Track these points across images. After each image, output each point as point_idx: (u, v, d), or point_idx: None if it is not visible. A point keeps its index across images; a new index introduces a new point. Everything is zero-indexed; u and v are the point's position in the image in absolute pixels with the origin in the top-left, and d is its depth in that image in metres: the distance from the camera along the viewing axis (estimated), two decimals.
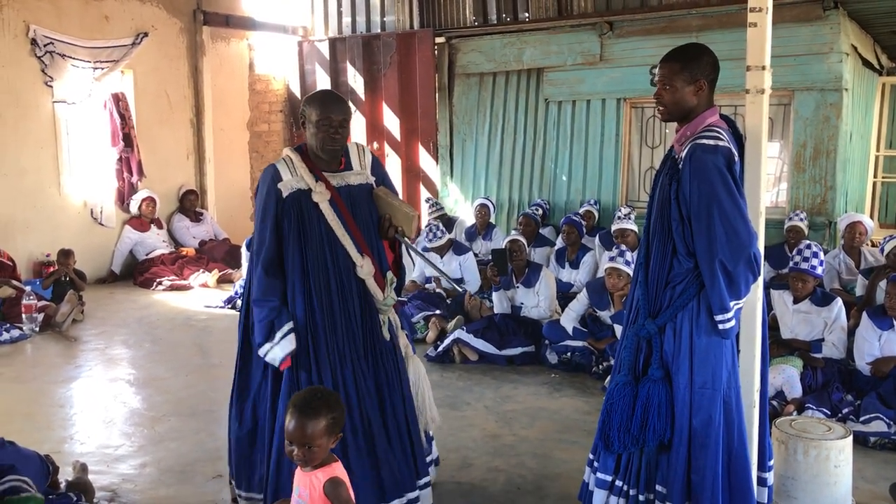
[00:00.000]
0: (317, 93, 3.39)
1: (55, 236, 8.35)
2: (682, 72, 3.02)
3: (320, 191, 3.26)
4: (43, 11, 8.24)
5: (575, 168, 9.46)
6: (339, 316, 3.27)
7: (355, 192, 3.37)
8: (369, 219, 3.39)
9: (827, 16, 7.76)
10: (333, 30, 11.10)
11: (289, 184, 3.27)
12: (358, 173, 3.42)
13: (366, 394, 3.28)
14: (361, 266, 3.28)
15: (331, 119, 3.23)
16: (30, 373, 5.85)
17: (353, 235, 3.29)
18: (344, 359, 3.26)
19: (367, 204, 3.40)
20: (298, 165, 3.30)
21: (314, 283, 3.25)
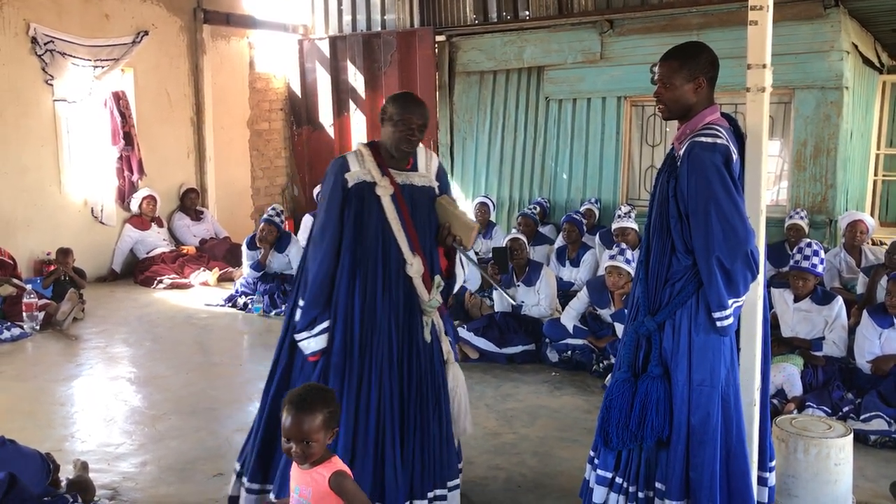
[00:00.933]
0: (401, 93, 3.48)
1: (56, 235, 8.36)
2: (680, 70, 3.03)
3: (384, 185, 3.33)
4: (43, 10, 8.24)
5: (575, 166, 9.46)
6: (381, 309, 3.30)
7: (417, 192, 3.43)
8: (426, 221, 3.44)
9: (827, 14, 7.76)
10: (334, 28, 11.09)
11: (356, 175, 3.34)
12: (423, 176, 3.48)
13: (389, 388, 3.29)
14: (411, 264, 3.32)
15: (411, 120, 3.31)
16: (30, 371, 5.86)
17: (408, 233, 3.34)
18: (378, 351, 3.29)
19: (427, 207, 3.45)
20: (368, 159, 3.37)
21: (362, 273, 3.30)
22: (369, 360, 3.28)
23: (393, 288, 3.32)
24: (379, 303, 3.30)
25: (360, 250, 3.31)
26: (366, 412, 3.24)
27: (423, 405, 3.34)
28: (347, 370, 3.27)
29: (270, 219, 7.85)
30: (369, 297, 3.29)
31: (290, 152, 11.53)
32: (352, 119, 10.92)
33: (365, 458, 3.22)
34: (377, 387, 3.27)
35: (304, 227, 9.31)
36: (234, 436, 4.61)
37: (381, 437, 3.26)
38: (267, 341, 6.71)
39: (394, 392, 3.30)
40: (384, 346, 3.29)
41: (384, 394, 3.27)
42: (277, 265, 7.95)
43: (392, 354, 3.31)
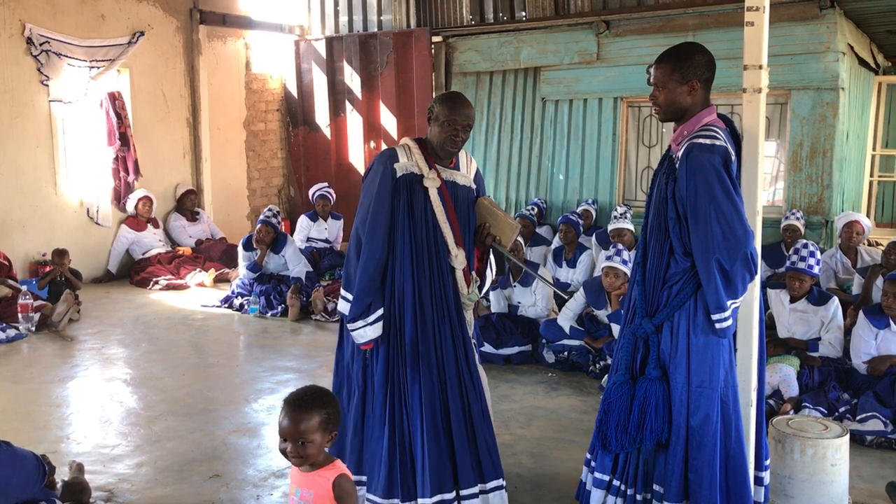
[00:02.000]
0: (449, 94, 3.53)
1: (51, 236, 8.34)
2: (673, 73, 3.04)
3: (432, 177, 3.41)
4: (39, 10, 8.22)
5: (572, 167, 9.46)
6: (432, 300, 3.36)
7: (459, 189, 3.52)
8: (467, 219, 3.53)
9: (823, 15, 7.78)
10: (330, 29, 11.09)
11: (404, 166, 3.42)
12: (464, 176, 3.56)
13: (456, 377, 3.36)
14: (456, 255, 3.42)
15: (457, 122, 3.39)
16: (26, 372, 5.84)
17: (452, 226, 3.42)
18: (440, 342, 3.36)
19: (466, 206, 3.54)
20: (416, 152, 3.45)
21: (419, 262, 3.37)
22: (440, 351, 3.36)
23: (442, 279, 3.40)
24: (427, 294, 3.37)
25: (412, 239, 3.38)
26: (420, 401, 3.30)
27: (465, 399, 3.38)
28: (424, 358, 3.33)
29: (267, 220, 7.84)
30: (423, 286, 3.37)
31: (286, 153, 11.52)
32: (348, 120, 10.91)
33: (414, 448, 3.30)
34: (439, 377, 3.35)
35: (299, 228, 9.31)
36: (231, 437, 4.60)
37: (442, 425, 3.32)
38: (263, 342, 6.70)
39: (452, 382, 3.35)
40: (436, 337, 3.36)
41: (450, 383, 3.35)
42: (274, 266, 7.94)
43: (448, 348, 3.37)
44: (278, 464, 4.16)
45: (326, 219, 9.31)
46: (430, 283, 3.38)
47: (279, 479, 4.03)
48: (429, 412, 3.30)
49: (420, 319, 3.36)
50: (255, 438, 4.60)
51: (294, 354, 6.31)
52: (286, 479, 4.00)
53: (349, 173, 10.97)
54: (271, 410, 5.01)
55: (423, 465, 3.28)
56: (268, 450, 4.41)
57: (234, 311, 7.71)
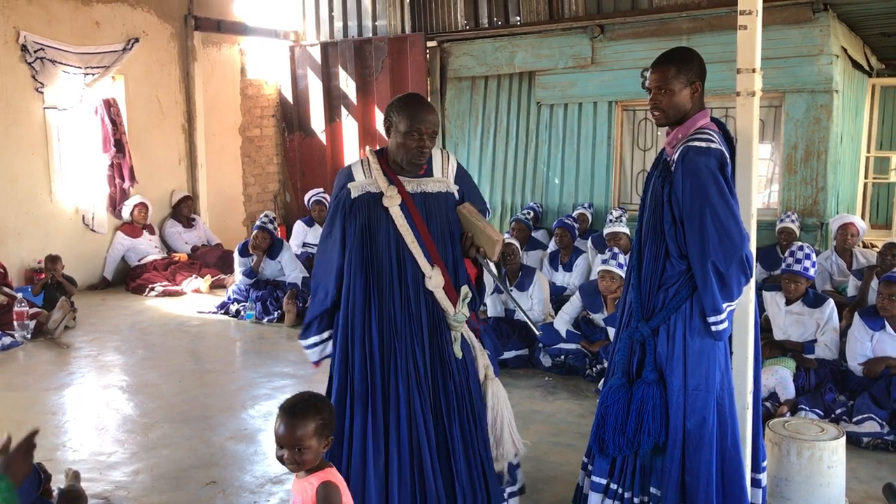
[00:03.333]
0: (406, 99, 3.13)
1: (47, 243, 8.32)
2: (678, 75, 3.02)
3: (391, 195, 3.08)
4: (33, 17, 8.21)
5: (567, 171, 9.47)
6: (403, 328, 3.08)
7: (432, 199, 3.15)
8: (446, 229, 3.16)
9: (817, 18, 7.80)
10: (325, 34, 11.10)
11: (360, 185, 3.14)
12: (438, 181, 3.19)
13: (420, 411, 3.07)
14: (430, 277, 3.07)
15: (421, 131, 3.03)
16: (22, 380, 5.83)
17: (424, 244, 3.09)
18: (404, 372, 3.07)
19: (445, 213, 3.17)
20: (374, 167, 3.13)
21: (377, 291, 3.09)
22: (395, 384, 3.06)
23: (412, 304, 3.09)
24: (399, 322, 3.08)
25: (371, 267, 3.10)
26: (397, 439, 3.04)
27: (462, 426, 3.11)
28: (370, 397, 3.07)
29: (264, 226, 7.84)
30: (387, 316, 3.08)
31: (281, 159, 11.52)
32: (343, 125, 10.92)
33: (402, 486, 3.04)
34: (406, 411, 3.05)
35: (295, 234, 9.30)
36: (228, 444, 4.59)
37: (419, 462, 3.05)
38: (259, 348, 6.69)
39: (426, 415, 3.07)
40: (409, 368, 3.07)
41: (415, 417, 3.06)
42: (270, 272, 7.93)
43: (420, 376, 3.07)
44: (275, 470, 4.16)
45: (322, 224, 9.29)
46: (404, 310, 3.08)
47: (276, 486, 4.02)
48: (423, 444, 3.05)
49: (391, 352, 3.08)
50: (252, 445, 4.59)
51: (290, 360, 6.30)
52: (283, 486, 3.99)
53: None
54: (268, 416, 5.00)
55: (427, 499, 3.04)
56: (265, 456, 4.40)
57: (230, 317, 7.70)
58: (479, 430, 3.15)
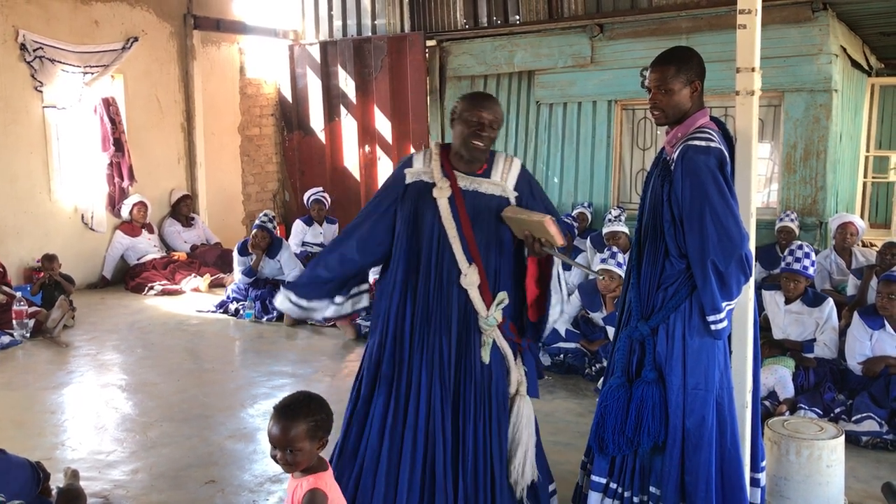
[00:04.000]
0: (472, 93, 3.24)
1: (46, 242, 8.31)
2: (678, 75, 3.02)
3: (443, 186, 3.11)
4: (32, 16, 8.21)
5: (566, 170, 9.47)
6: (434, 320, 3.10)
7: (482, 200, 3.13)
8: (492, 232, 3.12)
9: (816, 17, 7.80)
10: (324, 33, 11.09)
11: (417, 172, 3.19)
12: (494, 184, 3.15)
13: (440, 404, 3.08)
14: (465, 274, 3.06)
15: (480, 116, 3.05)
16: (21, 379, 5.82)
17: (465, 240, 3.08)
18: (429, 363, 3.10)
19: (492, 218, 3.12)
20: (434, 158, 3.19)
21: (415, 280, 3.13)
22: (419, 373, 3.09)
23: (445, 299, 3.09)
24: (431, 313, 3.09)
25: (413, 255, 3.13)
26: (414, 426, 3.07)
27: (476, 429, 3.10)
28: (396, 381, 3.12)
29: (263, 225, 7.84)
30: (421, 306, 3.10)
31: (281, 158, 11.52)
32: (343, 124, 10.91)
33: (413, 473, 3.06)
34: (427, 401, 3.07)
35: (294, 233, 9.30)
36: (227, 443, 4.59)
37: (431, 453, 3.07)
38: (259, 347, 6.69)
39: (445, 409, 3.08)
40: (434, 359, 3.09)
41: (434, 409, 3.07)
42: (269, 271, 7.93)
43: (444, 370, 3.09)
44: (274, 469, 4.15)
45: (322, 223, 9.30)
46: (437, 304, 3.09)
47: (275, 485, 4.02)
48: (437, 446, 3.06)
49: (421, 344, 3.10)
50: (251, 444, 4.59)
51: (290, 359, 6.30)
52: (282, 485, 3.99)
53: (344, 178, 10.97)
54: (267, 416, 4.96)
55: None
56: (264, 455, 4.40)
57: (229, 316, 7.70)
58: (493, 439, 3.12)
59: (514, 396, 3.19)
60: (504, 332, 3.16)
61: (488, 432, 3.12)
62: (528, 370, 3.25)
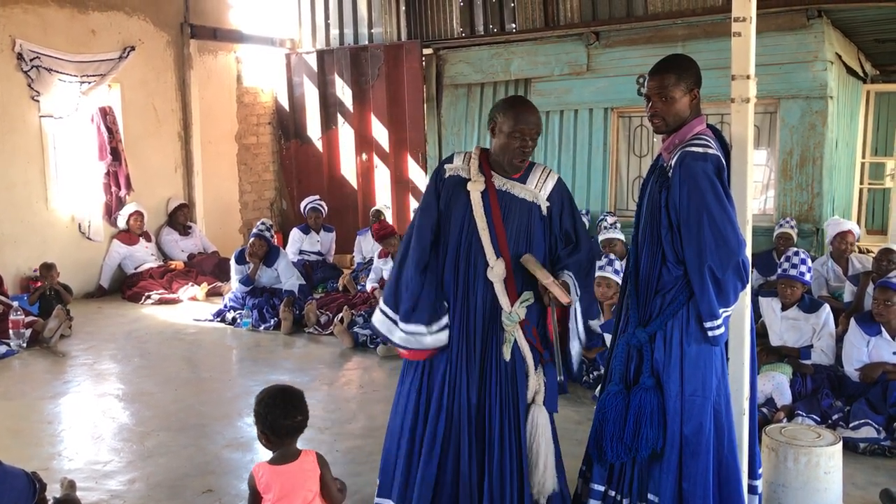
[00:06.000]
0: (511, 100, 3.28)
1: (43, 251, 8.29)
2: (678, 83, 3.03)
3: (476, 180, 3.19)
4: (29, 26, 8.21)
5: (563, 177, 9.42)
6: (460, 313, 3.18)
7: (513, 202, 3.21)
8: (522, 232, 3.19)
9: (811, 24, 7.83)
10: (321, 42, 11.11)
11: (455, 168, 3.27)
12: (527, 190, 3.23)
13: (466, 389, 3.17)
14: (492, 267, 3.12)
15: (524, 131, 3.13)
16: (17, 389, 5.81)
17: (495, 234, 3.15)
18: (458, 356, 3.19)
19: (523, 219, 3.20)
20: (473, 158, 3.27)
21: (453, 272, 3.20)
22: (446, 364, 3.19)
23: (471, 290, 3.17)
24: (459, 306, 3.18)
25: (443, 247, 3.22)
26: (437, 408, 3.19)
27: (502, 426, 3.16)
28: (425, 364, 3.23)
29: (260, 233, 7.83)
30: (450, 294, 3.19)
31: (278, 166, 11.52)
32: (340, 132, 10.92)
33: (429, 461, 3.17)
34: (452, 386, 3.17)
35: (292, 241, 9.30)
36: (224, 452, 4.58)
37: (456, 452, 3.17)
38: (256, 356, 6.68)
39: (471, 393, 3.15)
40: (462, 355, 3.18)
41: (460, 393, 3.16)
42: (266, 279, 7.92)
43: (471, 365, 3.17)
44: None
45: (319, 231, 9.31)
46: (465, 296, 3.18)
47: None
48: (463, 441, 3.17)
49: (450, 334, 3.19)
50: (249, 453, 4.58)
51: (287, 368, 6.29)
52: None
53: (341, 186, 10.97)
54: None
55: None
56: None
57: (226, 324, 7.68)
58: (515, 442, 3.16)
59: (529, 405, 3.20)
60: (526, 333, 3.18)
61: (514, 433, 3.16)
62: (549, 382, 3.24)
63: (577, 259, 3.24)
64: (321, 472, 2.85)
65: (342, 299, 7.72)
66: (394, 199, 10.56)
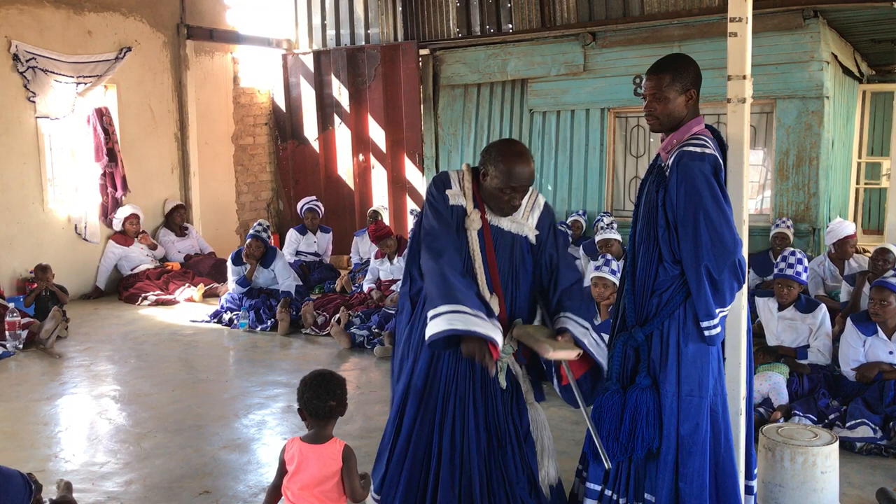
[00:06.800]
0: (505, 151, 3.22)
1: (39, 252, 8.29)
2: (673, 83, 3.03)
3: (474, 218, 3.25)
4: (25, 27, 8.20)
5: (560, 178, 9.49)
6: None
7: (502, 236, 3.30)
8: (512, 267, 3.29)
9: (807, 25, 7.84)
10: (318, 42, 11.11)
11: (455, 195, 3.28)
12: (514, 221, 3.31)
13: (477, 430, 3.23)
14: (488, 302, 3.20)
15: (516, 188, 3.18)
16: (14, 390, 5.80)
17: (488, 272, 3.23)
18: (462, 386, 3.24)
19: (511, 252, 3.29)
20: (467, 185, 3.29)
21: None
22: (454, 393, 3.23)
23: None
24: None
25: None
26: (450, 448, 3.20)
27: (504, 453, 3.26)
28: (426, 396, 3.24)
29: (257, 234, 7.83)
30: None
31: (275, 167, 11.51)
32: (336, 133, 10.92)
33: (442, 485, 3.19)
34: (461, 423, 3.21)
35: (288, 242, 9.29)
36: (221, 453, 4.57)
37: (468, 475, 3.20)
38: (253, 357, 6.67)
39: (480, 433, 3.22)
40: (467, 383, 3.23)
41: (469, 432, 3.20)
42: (263, 280, 7.91)
43: (476, 393, 3.23)
44: (269, 479, 4.13)
45: (315, 232, 9.30)
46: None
47: None
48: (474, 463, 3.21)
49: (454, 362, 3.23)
50: (246, 454, 4.57)
51: (284, 369, 6.29)
52: None
53: (338, 186, 10.97)
54: (261, 426, 4.99)
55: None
56: (258, 465, 4.38)
57: (223, 325, 7.68)
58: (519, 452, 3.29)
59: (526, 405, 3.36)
60: (517, 358, 3.31)
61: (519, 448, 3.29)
62: (532, 378, 3.41)
63: (569, 290, 3.30)
64: (342, 463, 2.94)
65: (339, 300, 7.72)
66: (391, 199, 10.56)
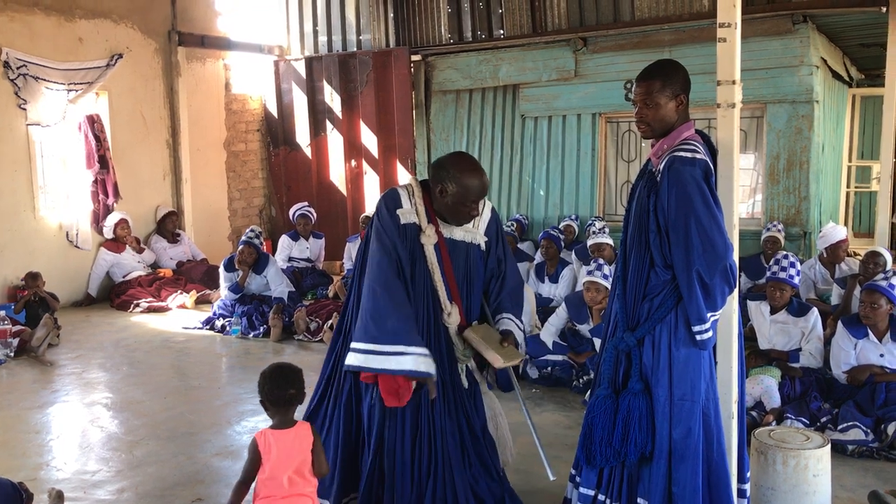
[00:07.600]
0: (461, 166, 3.35)
1: (30, 260, 8.26)
2: (663, 89, 3.05)
3: (429, 234, 3.37)
4: (16, 34, 8.18)
5: (552, 183, 9.51)
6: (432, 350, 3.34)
7: (458, 247, 3.46)
8: (467, 274, 3.48)
9: (796, 29, 7.89)
10: (310, 49, 11.11)
11: (407, 214, 3.38)
12: (466, 230, 3.49)
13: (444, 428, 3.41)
14: (449, 313, 3.40)
15: (474, 201, 3.33)
16: (4, 399, 5.76)
17: (447, 283, 3.40)
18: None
19: (466, 260, 3.48)
20: (418, 201, 3.39)
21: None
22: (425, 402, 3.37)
23: (436, 333, 3.40)
24: (431, 346, 3.34)
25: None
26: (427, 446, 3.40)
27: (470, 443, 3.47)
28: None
29: (250, 240, 7.81)
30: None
31: (267, 173, 11.50)
32: (329, 139, 10.92)
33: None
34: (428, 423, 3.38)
35: (281, 248, 9.28)
36: (213, 460, 4.56)
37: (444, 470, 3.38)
38: (245, 363, 6.66)
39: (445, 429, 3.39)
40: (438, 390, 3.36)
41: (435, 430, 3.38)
42: (255, 286, 7.90)
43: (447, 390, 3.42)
44: None
45: (308, 238, 9.30)
46: (433, 333, 3.39)
47: None
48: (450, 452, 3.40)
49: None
50: (238, 461, 4.55)
51: None
52: None
53: (330, 192, 10.97)
54: (254, 433, 4.96)
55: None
56: None
57: (215, 332, 7.66)
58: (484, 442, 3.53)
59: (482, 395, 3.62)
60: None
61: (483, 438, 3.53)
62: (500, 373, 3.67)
63: (512, 292, 3.59)
64: (314, 438, 3.11)
65: (332, 306, 7.71)
66: None
